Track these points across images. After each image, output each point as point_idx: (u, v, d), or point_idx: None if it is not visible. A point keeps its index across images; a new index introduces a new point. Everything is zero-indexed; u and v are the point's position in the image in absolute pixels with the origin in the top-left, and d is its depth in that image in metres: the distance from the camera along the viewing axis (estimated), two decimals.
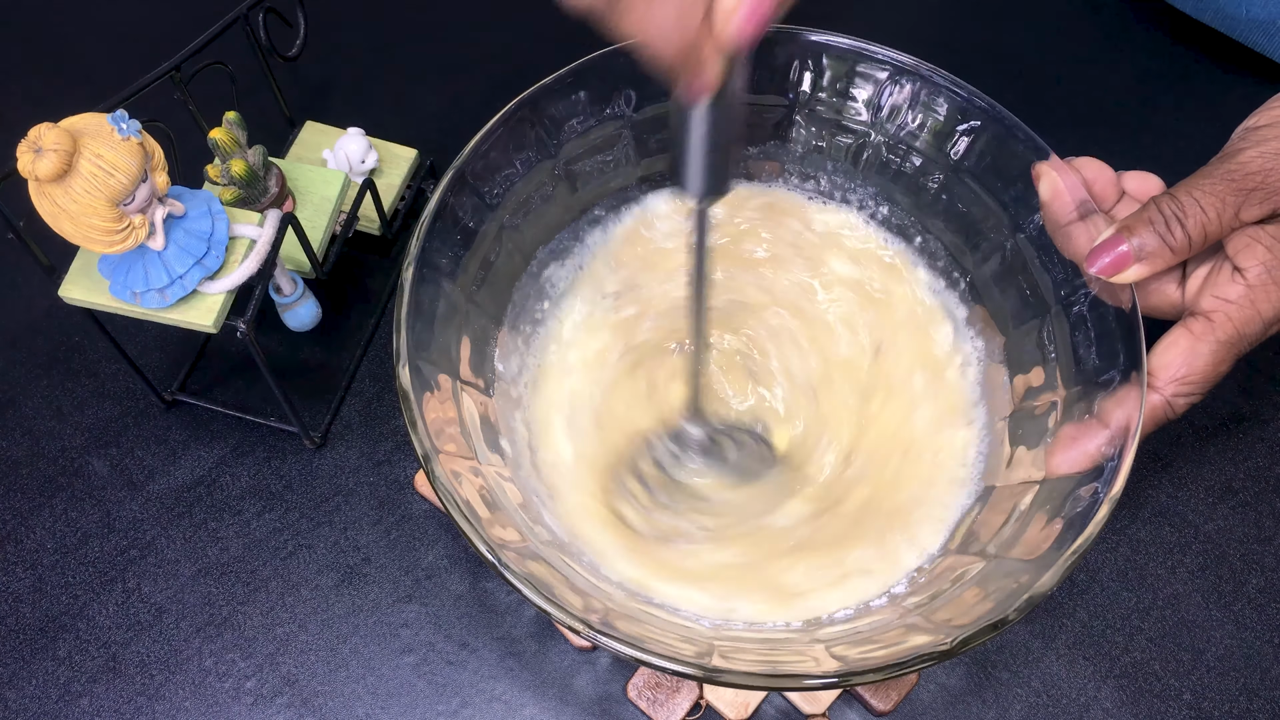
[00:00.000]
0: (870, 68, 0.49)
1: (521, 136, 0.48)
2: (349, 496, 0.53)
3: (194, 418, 0.56)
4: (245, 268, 0.45)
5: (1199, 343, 0.41)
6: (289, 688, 0.49)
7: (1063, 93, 0.67)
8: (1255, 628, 0.50)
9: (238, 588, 0.51)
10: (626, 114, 0.50)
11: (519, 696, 0.49)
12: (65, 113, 0.40)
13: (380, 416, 0.56)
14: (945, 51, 0.50)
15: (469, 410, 0.45)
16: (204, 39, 0.51)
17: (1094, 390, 0.42)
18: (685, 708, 0.48)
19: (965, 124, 0.48)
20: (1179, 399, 0.42)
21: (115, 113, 0.40)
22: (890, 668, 0.35)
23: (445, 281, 0.45)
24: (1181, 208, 0.41)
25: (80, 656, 0.49)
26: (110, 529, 0.52)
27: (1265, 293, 0.41)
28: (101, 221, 0.40)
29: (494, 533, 0.39)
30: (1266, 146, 0.41)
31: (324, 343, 0.58)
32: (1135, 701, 0.49)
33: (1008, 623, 0.36)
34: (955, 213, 0.50)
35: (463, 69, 0.68)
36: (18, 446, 0.55)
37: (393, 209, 0.59)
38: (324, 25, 0.62)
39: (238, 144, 0.49)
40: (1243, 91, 0.66)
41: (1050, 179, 0.44)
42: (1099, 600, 0.51)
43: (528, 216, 0.50)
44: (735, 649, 0.38)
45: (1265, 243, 0.41)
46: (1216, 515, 0.53)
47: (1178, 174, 0.43)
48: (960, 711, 0.49)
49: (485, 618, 0.51)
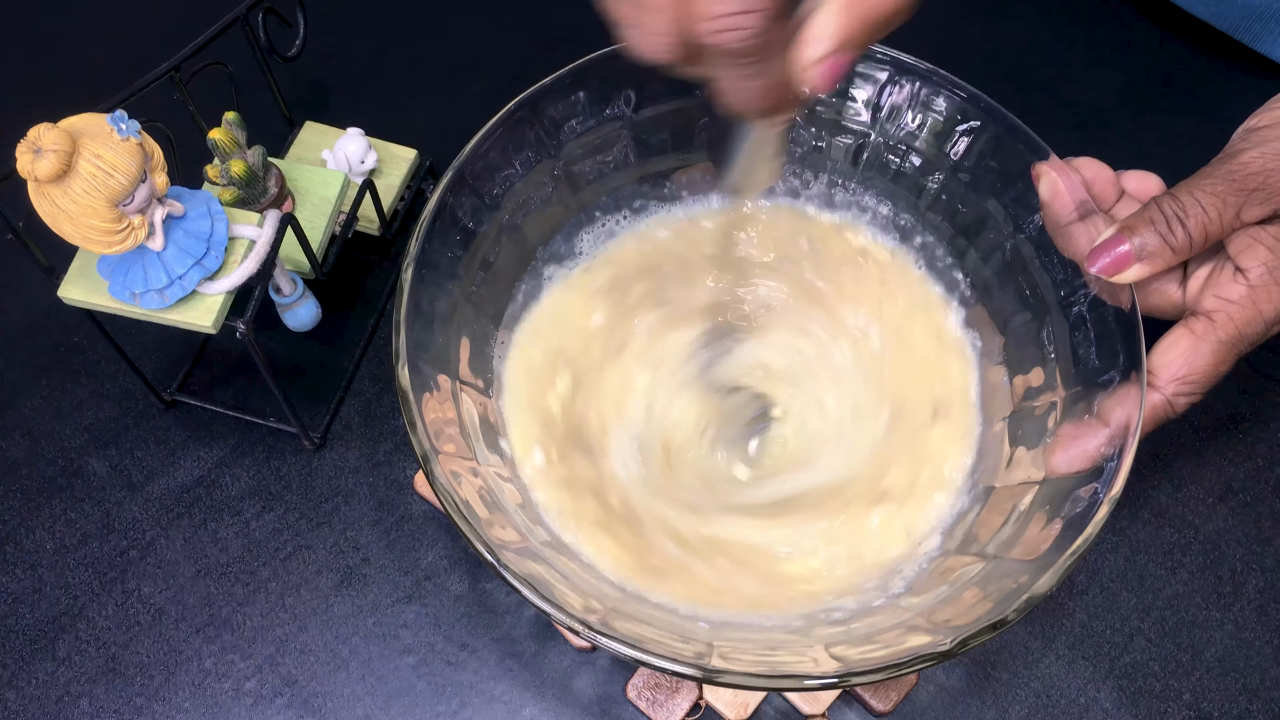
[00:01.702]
0: (870, 68, 0.49)
1: (521, 137, 0.48)
2: (348, 497, 0.53)
3: (194, 418, 0.55)
4: (245, 268, 0.45)
5: (1200, 342, 0.41)
6: (289, 688, 0.49)
7: (1062, 93, 0.67)
8: (1255, 628, 0.50)
9: (237, 588, 0.51)
10: (626, 114, 0.50)
11: (519, 697, 0.49)
12: (65, 113, 0.39)
13: (380, 417, 0.56)
14: (945, 51, 0.50)
15: (468, 411, 0.45)
16: (204, 39, 0.51)
17: (1094, 390, 0.42)
18: (685, 708, 0.48)
19: (965, 124, 0.48)
20: (1179, 398, 0.42)
21: (115, 113, 0.40)
22: (889, 668, 0.35)
23: (445, 282, 0.45)
24: (1182, 207, 0.41)
25: (80, 657, 0.49)
26: (110, 529, 0.52)
27: (1267, 293, 0.41)
28: (101, 222, 0.40)
29: (493, 533, 0.39)
30: (1268, 147, 0.41)
31: (324, 343, 0.58)
32: (1135, 701, 0.49)
33: (1007, 623, 0.36)
34: (955, 213, 0.50)
35: (463, 69, 0.68)
36: (18, 447, 0.55)
37: (392, 209, 0.59)
38: (324, 25, 0.62)
39: (237, 144, 0.49)
40: (1242, 91, 0.66)
41: (1050, 179, 0.44)
42: (1099, 601, 0.51)
43: (527, 217, 0.50)
44: (734, 649, 0.38)
45: (1267, 243, 0.41)
46: (1216, 515, 0.53)
47: (1177, 174, 0.43)
48: (960, 712, 0.49)
49: (485, 618, 0.51)
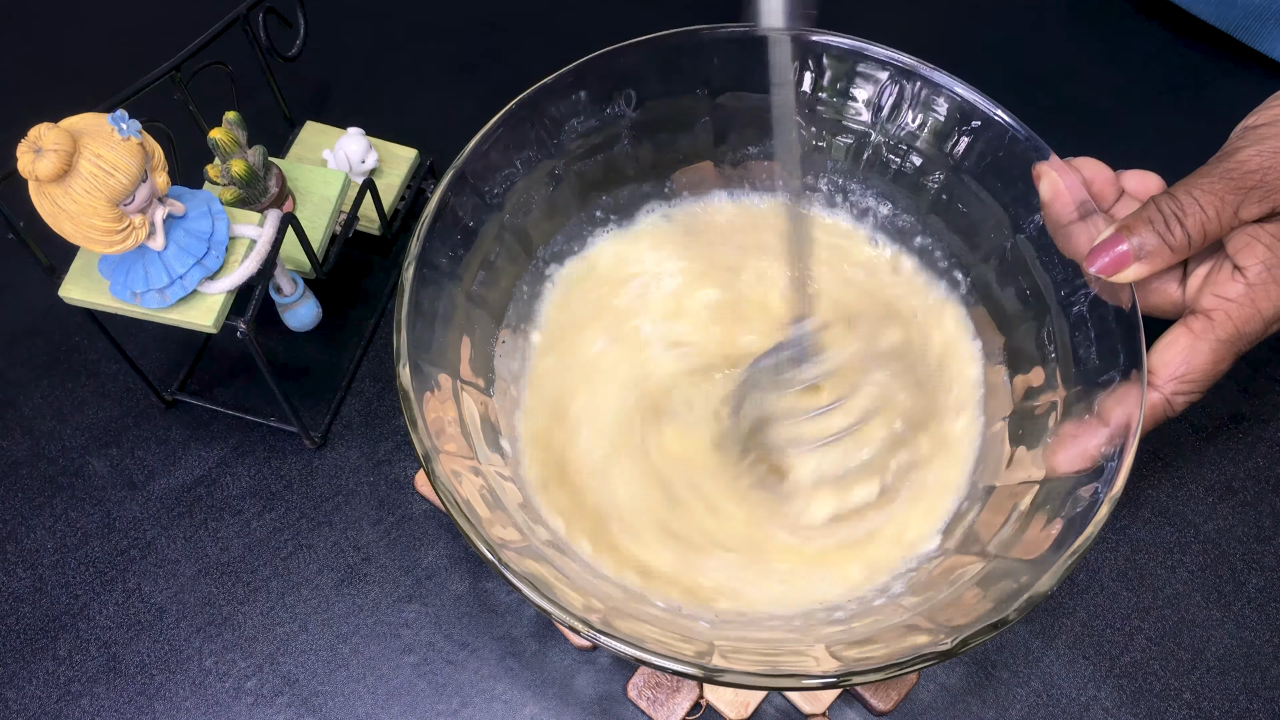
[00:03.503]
0: (870, 68, 0.49)
1: (522, 136, 0.48)
2: (349, 496, 0.53)
3: (194, 418, 0.56)
4: (245, 268, 0.45)
5: (1199, 341, 0.41)
6: (289, 688, 0.49)
7: (1062, 92, 0.67)
8: (1255, 628, 0.50)
9: (238, 588, 0.51)
10: (627, 113, 0.50)
11: (519, 696, 0.49)
12: (65, 113, 0.39)
13: (380, 416, 0.56)
14: (945, 51, 0.50)
15: (469, 410, 0.45)
16: (204, 39, 0.51)
17: (1094, 390, 0.42)
18: (685, 707, 0.48)
19: (965, 124, 0.48)
20: (1178, 397, 0.42)
21: (115, 113, 0.40)
22: (890, 667, 0.35)
23: (446, 281, 0.45)
24: (1181, 207, 0.41)
25: (80, 656, 0.49)
26: (110, 529, 0.52)
27: (1265, 291, 0.41)
28: (101, 221, 0.40)
29: (494, 532, 0.39)
30: (1265, 145, 0.41)
31: (324, 343, 0.58)
32: (1135, 701, 0.49)
33: (1007, 623, 0.36)
34: (955, 213, 0.50)
35: (463, 69, 0.68)
36: (18, 446, 0.55)
37: (393, 209, 0.59)
38: (324, 25, 0.62)
39: (238, 144, 0.49)
40: (1242, 90, 0.66)
41: (1051, 179, 0.44)
42: (1099, 600, 0.51)
43: (528, 216, 0.50)
44: (735, 648, 0.38)
45: (1265, 241, 0.41)
46: (1216, 515, 0.53)
47: (1177, 173, 0.43)
48: (960, 711, 0.49)
49: (486, 617, 0.51)
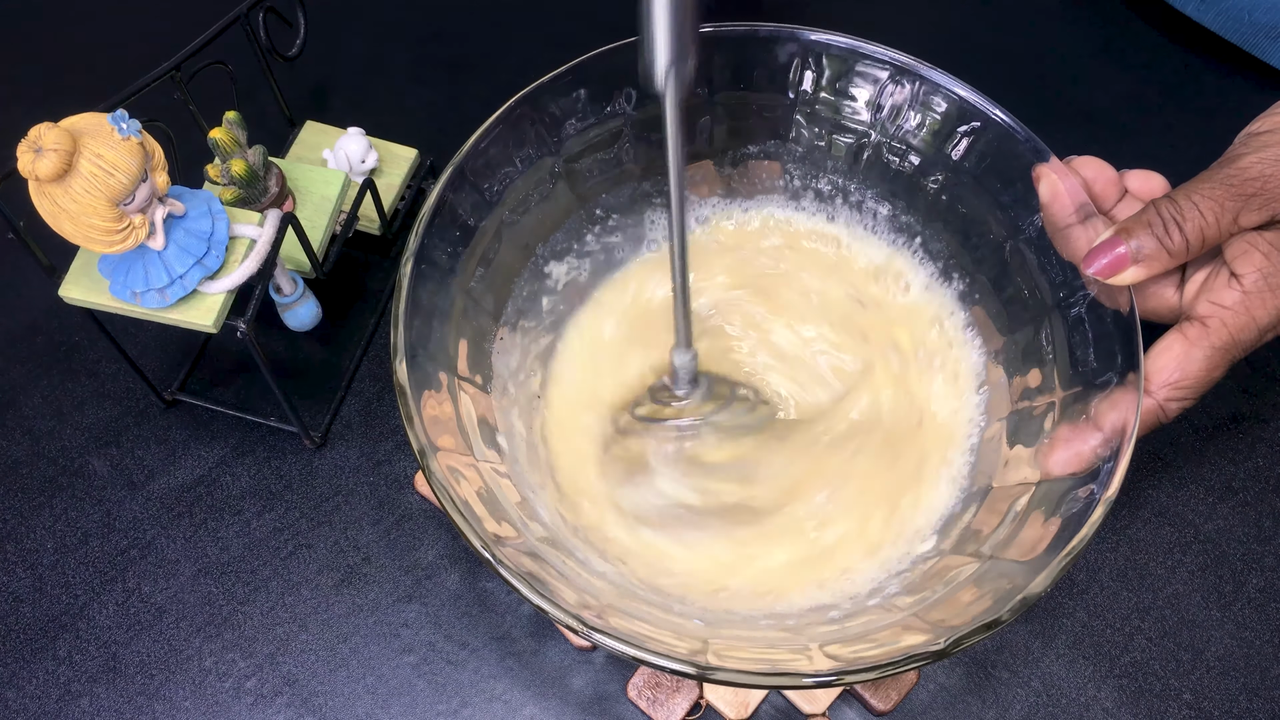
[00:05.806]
0: (870, 67, 0.49)
1: (521, 133, 0.48)
2: (349, 496, 0.54)
3: (194, 418, 0.56)
4: (245, 268, 0.45)
5: (1193, 348, 0.41)
6: (289, 687, 0.49)
7: (1063, 94, 0.66)
8: (1255, 628, 0.50)
9: (238, 588, 0.51)
10: (627, 112, 0.50)
11: (519, 696, 0.49)
12: (65, 113, 0.40)
13: (380, 416, 0.56)
14: (945, 51, 0.50)
15: (466, 407, 0.45)
16: (204, 39, 0.51)
17: (1091, 392, 0.42)
18: (685, 707, 0.48)
19: (965, 124, 0.48)
20: (1171, 403, 0.42)
21: (115, 113, 0.40)
22: (884, 666, 0.35)
23: (444, 278, 0.45)
24: (1180, 211, 0.41)
25: (80, 656, 0.50)
26: (110, 529, 0.53)
27: (1261, 299, 0.41)
28: (101, 221, 0.40)
29: (490, 529, 0.39)
30: (1267, 152, 0.41)
31: (324, 343, 0.58)
32: (1135, 701, 0.49)
33: (1001, 623, 0.36)
34: (955, 213, 0.50)
35: (463, 69, 0.68)
36: (18, 446, 0.55)
37: (393, 209, 0.59)
38: (324, 25, 0.62)
39: (238, 144, 0.49)
40: (1243, 94, 0.65)
41: (1050, 181, 0.44)
42: (1099, 600, 0.51)
43: (527, 214, 0.50)
44: (730, 647, 0.38)
45: (1263, 249, 0.41)
46: (1216, 515, 0.53)
47: (1177, 176, 0.43)
48: (960, 711, 0.49)
49: (485, 617, 0.51)
